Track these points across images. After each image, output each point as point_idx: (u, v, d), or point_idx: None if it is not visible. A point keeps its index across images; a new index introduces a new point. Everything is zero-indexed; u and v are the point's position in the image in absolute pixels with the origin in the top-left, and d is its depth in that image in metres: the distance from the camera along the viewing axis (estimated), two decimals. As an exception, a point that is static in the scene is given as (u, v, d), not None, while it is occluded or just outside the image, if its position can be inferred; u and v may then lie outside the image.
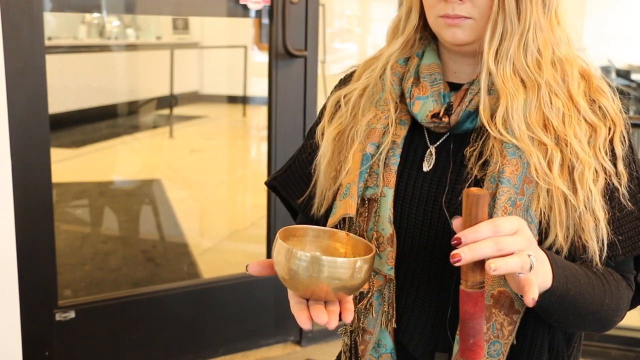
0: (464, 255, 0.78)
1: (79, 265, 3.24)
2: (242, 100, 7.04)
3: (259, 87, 7.02)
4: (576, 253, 0.95)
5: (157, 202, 4.25)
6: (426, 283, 1.00)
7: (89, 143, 5.47)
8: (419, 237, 1.00)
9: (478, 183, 0.96)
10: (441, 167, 1.01)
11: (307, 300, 0.89)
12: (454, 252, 0.78)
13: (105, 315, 2.34)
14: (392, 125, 1.03)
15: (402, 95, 1.06)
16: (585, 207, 0.93)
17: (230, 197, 4.65)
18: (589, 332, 1.08)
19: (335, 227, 1.02)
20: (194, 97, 7.57)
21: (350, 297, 0.91)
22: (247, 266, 0.93)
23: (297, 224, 1.25)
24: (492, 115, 0.97)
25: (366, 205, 1.02)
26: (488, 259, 0.78)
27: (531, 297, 0.78)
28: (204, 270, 3.27)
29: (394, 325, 1.02)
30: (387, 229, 0.99)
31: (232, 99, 7.43)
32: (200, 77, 7.75)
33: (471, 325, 0.81)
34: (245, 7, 2.41)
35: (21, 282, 1.92)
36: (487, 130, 0.96)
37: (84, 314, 2.27)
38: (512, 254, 0.78)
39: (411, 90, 1.03)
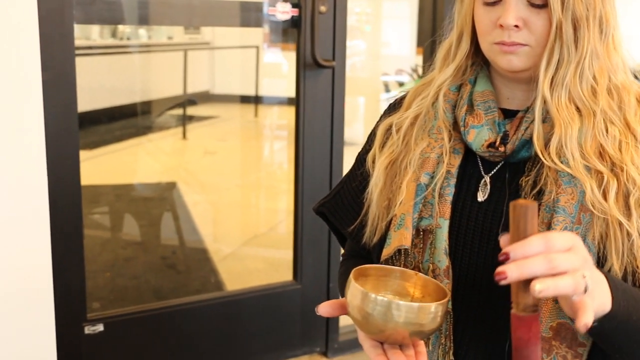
0: (510, 272, 0.71)
1: (100, 273, 3.22)
2: (254, 100, 7.03)
3: (270, 87, 7.01)
4: (627, 279, 0.93)
5: (175, 206, 4.24)
6: (483, 314, 0.99)
7: (102, 145, 5.46)
8: (474, 269, 0.99)
9: None
10: (496, 197, 1.00)
11: (381, 343, 0.89)
12: (499, 268, 0.72)
13: (134, 328, 2.33)
14: (446, 155, 1.02)
15: (454, 123, 1.04)
16: (639, 234, 0.91)
17: (247, 201, 4.64)
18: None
19: (390, 258, 1.01)
20: (205, 97, 7.56)
21: (423, 341, 0.90)
22: (317, 307, 0.92)
23: (346, 250, 1.25)
24: (547, 144, 0.95)
25: (421, 236, 1.01)
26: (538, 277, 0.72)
27: (583, 322, 0.72)
28: (226, 278, 3.26)
29: (452, 357, 1.01)
30: (444, 260, 0.98)
31: (243, 99, 7.42)
32: (211, 77, 7.74)
33: (525, 354, 0.74)
34: (258, 16, 2.41)
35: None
36: (542, 158, 0.95)
37: (113, 327, 2.26)
38: (564, 273, 0.72)
39: (465, 119, 1.02)
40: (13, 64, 1.77)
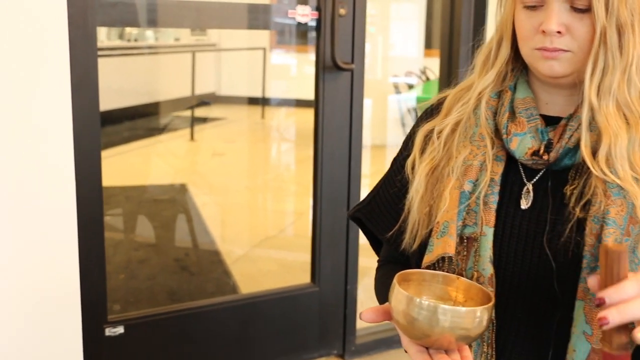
0: (611, 318, 0.75)
1: (114, 274, 3.22)
2: (260, 102, 7.04)
3: (277, 89, 7.02)
4: None
5: (187, 208, 4.24)
6: (526, 323, 0.98)
7: (111, 146, 5.46)
8: (518, 276, 0.98)
9: (580, 223, 0.93)
10: (539, 205, 0.99)
11: (426, 348, 0.88)
12: (601, 314, 0.75)
13: (153, 330, 2.33)
14: (489, 162, 1.02)
15: (495, 130, 1.03)
16: None
17: (257, 202, 4.64)
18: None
19: (432, 265, 1.00)
20: (212, 99, 7.56)
21: (467, 346, 0.90)
22: (360, 314, 0.92)
23: (382, 256, 1.24)
24: (594, 153, 0.94)
25: (464, 244, 1.00)
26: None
27: None
28: (239, 280, 3.25)
29: None
30: (488, 269, 0.97)
31: (249, 101, 7.43)
32: (217, 78, 7.75)
33: None
34: (266, 19, 2.41)
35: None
36: (587, 167, 0.94)
37: (133, 329, 2.25)
38: None
39: (507, 126, 1.01)
40: (43, 67, 1.78)
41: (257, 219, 4.40)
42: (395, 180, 1.15)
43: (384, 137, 5.95)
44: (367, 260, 2.89)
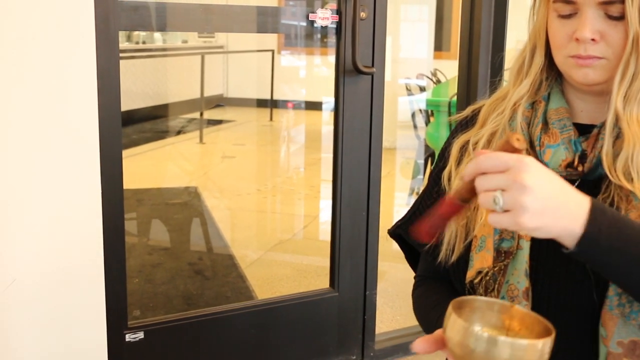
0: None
1: (128, 279, 3.20)
2: (269, 104, 7.03)
3: (286, 91, 7.01)
4: None
5: (198, 211, 4.23)
6: (566, 337, 0.96)
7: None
8: (556, 290, 0.97)
9: None
10: None
11: None
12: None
13: (173, 335, 2.31)
14: None
15: (530, 142, 1.02)
16: None
17: (269, 206, 4.63)
18: None
19: (472, 281, 1.00)
20: (220, 101, 7.56)
21: None
22: (412, 345, 0.88)
23: (420, 272, 1.22)
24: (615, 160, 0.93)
25: (502, 258, 0.98)
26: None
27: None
28: (255, 284, 3.24)
29: None
30: (523, 282, 0.96)
31: (257, 103, 7.43)
32: (224, 81, 7.74)
33: (436, 224, 0.84)
34: (275, 23, 2.40)
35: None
36: (609, 176, 0.93)
37: (153, 334, 2.24)
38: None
39: (540, 138, 1.00)
40: (72, 70, 1.78)
41: (269, 222, 4.39)
42: (433, 193, 1.15)
43: (394, 140, 5.93)
44: (384, 264, 2.87)
